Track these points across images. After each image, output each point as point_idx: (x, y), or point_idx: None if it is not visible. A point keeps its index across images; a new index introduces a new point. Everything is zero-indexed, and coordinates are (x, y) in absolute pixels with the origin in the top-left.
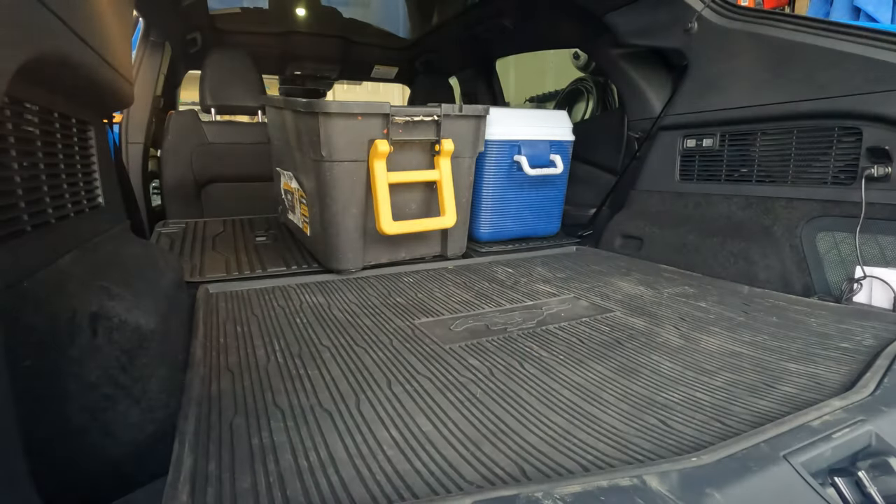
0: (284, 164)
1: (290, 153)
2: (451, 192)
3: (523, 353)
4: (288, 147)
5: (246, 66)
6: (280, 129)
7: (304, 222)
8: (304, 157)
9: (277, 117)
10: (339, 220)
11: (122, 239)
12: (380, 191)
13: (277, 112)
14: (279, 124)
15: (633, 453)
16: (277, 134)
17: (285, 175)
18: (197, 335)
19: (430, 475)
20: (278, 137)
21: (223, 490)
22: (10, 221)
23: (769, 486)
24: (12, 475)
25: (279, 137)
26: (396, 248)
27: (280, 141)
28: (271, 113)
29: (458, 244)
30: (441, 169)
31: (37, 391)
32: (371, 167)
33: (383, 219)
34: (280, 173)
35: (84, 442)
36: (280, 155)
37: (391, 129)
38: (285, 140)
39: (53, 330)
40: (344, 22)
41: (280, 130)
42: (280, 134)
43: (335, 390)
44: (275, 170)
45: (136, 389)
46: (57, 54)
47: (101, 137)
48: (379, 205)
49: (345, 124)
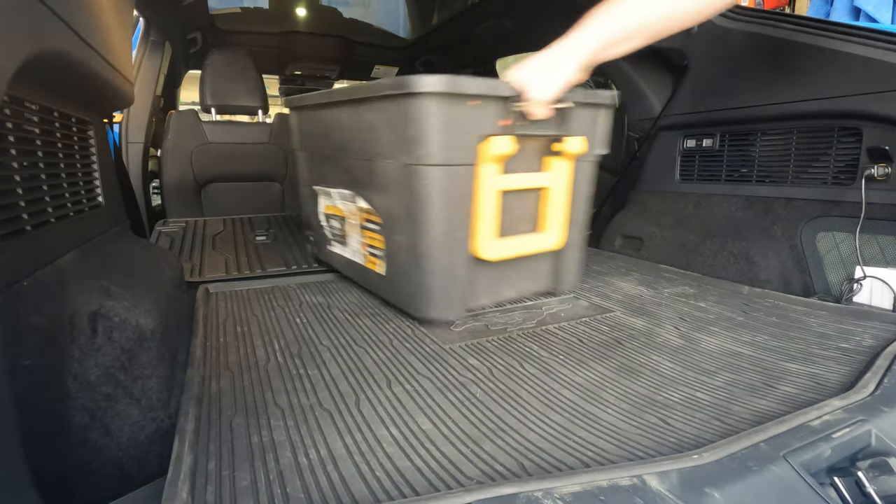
0: (329, 180)
1: (343, 163)
2: (565, 204)
3: (523, 352)
4: (343, 155)
5: (246, 66)
6: (321, 134)
7: (372, 256)
8: (380, 165)
9: (316, 120)
10: (438, 250)
11: (122, 239)
12: (486, 202)
13: (318, 112)
14: (319, 129)
15: (633, 450)
16: (315, 142)
17: (332, 195)
18: (197, 335)
19: (430, 472)
20: (317, 146)
21: (223, 487)
22: (10, 221)
23: (769, 486)
24: (12, 475)
25: (319, 145)
26: (498, 284)
27: (320, 149)
28: (302, 117)
29: (571, 276)
30: (558, 174)
31: (37, 391)
32: (477, 173)
33: (486, 239)
34: (317, 193)
35: (84, 441)
36: (319, 169)
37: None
38: (335, 146)
39: (53, 330)
40: (344, 22)
41: (321, 137)
42: (321, 141)
43: (335, 390)
44: (306, 190)
45: (135, 389)
46: (57, 53)
47: (102, 137)
48: (481, 221)
49: (454, 112)
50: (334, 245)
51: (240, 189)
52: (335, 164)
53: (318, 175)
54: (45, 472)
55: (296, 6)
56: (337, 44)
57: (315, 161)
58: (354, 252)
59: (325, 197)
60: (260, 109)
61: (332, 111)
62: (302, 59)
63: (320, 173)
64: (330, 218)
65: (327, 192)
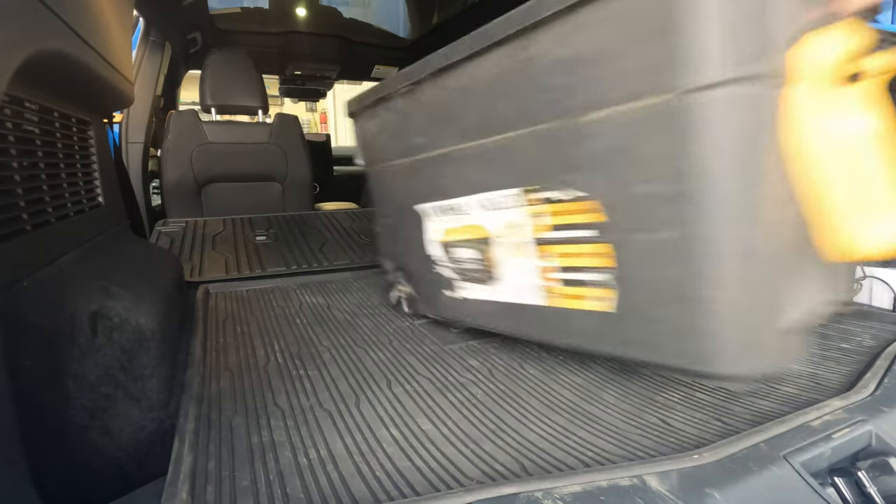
0: (457, 187)
1: (498, 148)
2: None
3: (523, 353)
4: (499, 132)
5: (246, 66)
6: (438, 121)
7: (574, 286)
8: (602, 120)
9: (424, 104)
10: (747, 246)
11: (122, 239)
12: (824, 151)
13: (430, 89)
14: (433, 115)
15: (634, 450)
16: (424, 138)
17: (461, 209)
18: (197, 335)
19: (430, 472)
20: (428, 142)
21: (223, 487)
22: (11, 221)
23: (769, 486)
24: (13, 475)
25: (433, 140)
26: (798, 301)
27: (437, 144)
28: (384, 115)
29: (848, 275)
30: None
31: (37, 391)
32: (797, 102)
33: (849, 218)
34: (422, 217)
35: (84, 441)
36: (433, 176)
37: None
38: (477, 126)
39: (53, 330)
40: (344, 22)
41: (438, 124)
42: (440, 131)
43: (335, 390)
44: (390, 219)
45: (135, 389)
46: (57, 53)
47: (101, 137)
48: (828, 184)
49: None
50: (462, 288)
51: (240, 189)
52: (477, 158)
53: (430, 186)
54: (45, 472)
55: (296, 6)
56: (337, 44)
57: (423, 168)
58: (518, 288)
59: (441, 218)
60: (260, 109)
61: (469, 73)
62: (302, 59)
63: (434, 182)
64: (453, 247)
65: (452, 206)
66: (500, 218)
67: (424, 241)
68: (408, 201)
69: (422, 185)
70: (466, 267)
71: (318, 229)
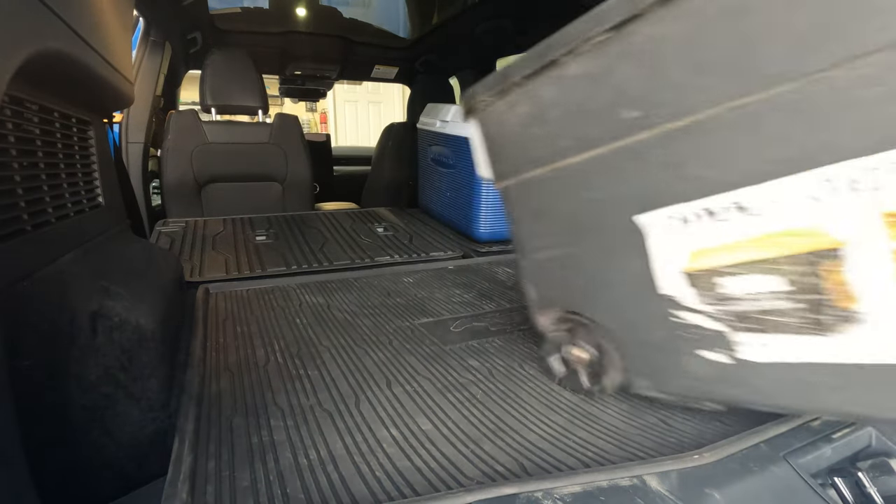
0: (729, 176)
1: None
2: None
3: (524, 353)
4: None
5: (246, 66)
6: (679, 85)
7: None
8: None
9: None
10: None
11: (122, 239)
12: None
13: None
14: (673, 78)
15: (634, 451)
16: (651, 105)
17: (753, 209)
18: (197, 335)
19: (430, 472)
20: (667, 110)
21: (223, 487)
22: (11, 221)
23: (769, 486)
24: (12, 475)
25: (675, 105)
26: None
27: (680, 112)
28: (563, 88)
29: None
30: None
31: (37, 391)
32: None
33: None
34: (646, 231)
35: (84, 441)
36: (668, 165)
37: None
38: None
39: (53, 330)
40: (344, 22)
41: (679, 89)
42: (687, 96)
43: (335, 390)
44: (562, 250)
45: (136, 389)
46: (57, 53)
47: (102, 137)
48: None
49: None
50: (747, 345)
51: (240, 189)
52: (792, 109)
53: (660, 183)
54: (46, 472)
55: (296, 6)
56: (337, 44)
57: (640, 157)
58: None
59: (691, 231)
60: (260, 109)
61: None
62: (302, 59)
63: (675, 174)
64: (724, 277)
65: (723, 206)
66: (864, 208)
67: (650, 273)
68: (604, 215)
69: (640, 184)
70: (765, 308)
71: (318, 229)
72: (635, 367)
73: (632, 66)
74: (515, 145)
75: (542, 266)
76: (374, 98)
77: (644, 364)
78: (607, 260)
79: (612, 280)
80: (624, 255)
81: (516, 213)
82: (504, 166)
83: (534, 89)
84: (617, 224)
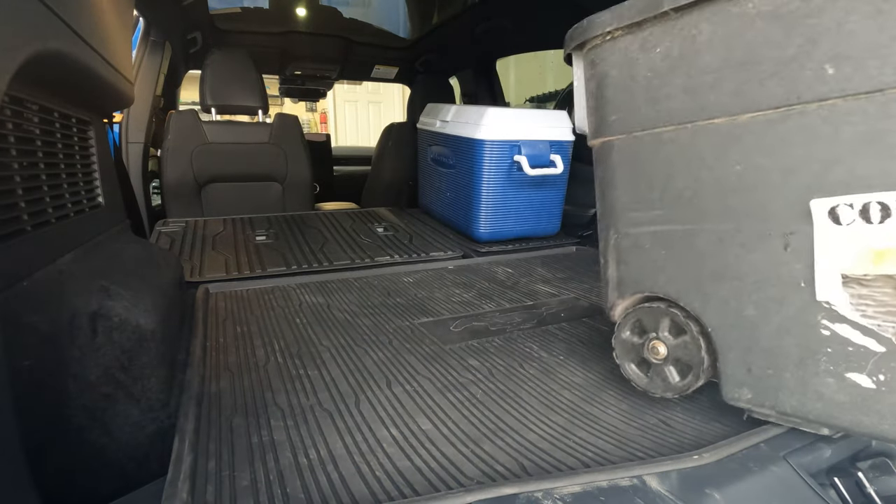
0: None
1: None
2: None
3: (523, 353)
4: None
5: (246, 66)
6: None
7: None
8: None
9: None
10: None
11: (122, 239)
12: None
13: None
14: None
15: (634, 451)
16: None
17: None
18: (197, 335)
19: (430, 472)
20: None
21: (223, 487)
22: (10, 221)
23: (769, 487)
24: (12, 475)
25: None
26: None
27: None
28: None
29: None
30: None
31: (37, 391)
32: None
33: None
34: (781, 223)
35: (84, 441)
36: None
37: None
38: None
39: (53, 330)
40: (344, 22)
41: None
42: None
43: (335, 390)
44: (665, 222)
45: (135, 389)
46: (57, 53)
47: (102, 137)
48: None
49: None
50: (889, 374)
51: (240, 189)
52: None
53: (847, 167)
54: (46, 472)
55: (296, 6)
56: (337, 44)
57: (849, 121)
58: None
59: (890, 224)
60: (260, 109)
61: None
62: (302, 59)
63: (878, 151)
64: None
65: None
66: None
67: (806, 272)
68: (755, 193)
69: (828, 160)
70: None
71: (318, 229)
72: (736, 375)
73: (852, 4)
74: (642, 94)
75: (638, 242)
76: (374, 98)
77: (752, 374)
78: (741, 247)
79: (741, 272)
80: (771, 244)
81: (616, 176)
82: (616, 117)
83: (689, 26)
84: (773, 206)
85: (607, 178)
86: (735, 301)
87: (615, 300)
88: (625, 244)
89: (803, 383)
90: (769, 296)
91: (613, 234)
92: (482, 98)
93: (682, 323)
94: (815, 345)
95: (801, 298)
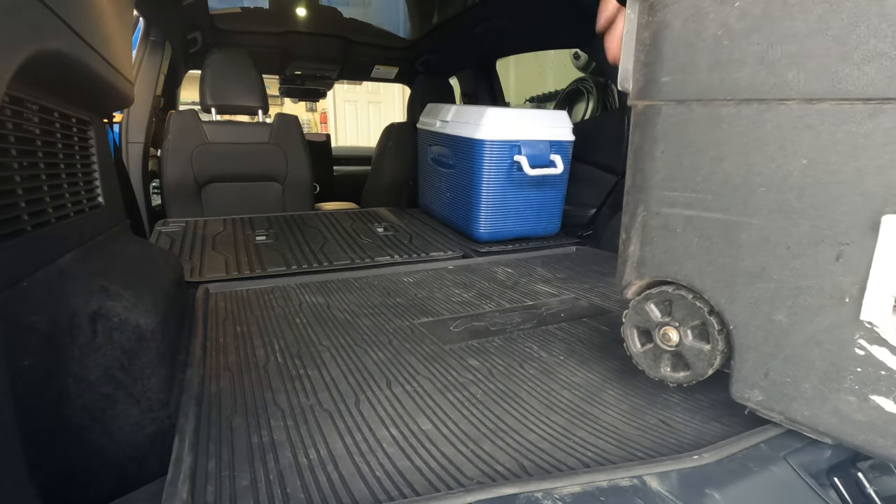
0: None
1: None
2: None
3: (523, 353)
4: None
5: (246, 66)
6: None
7: None
8: None
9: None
10: None
11: (122, 239)
12: None
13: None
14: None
15: (634, 451)
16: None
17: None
18: (197, 335)
19: (430, 472)
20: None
21: (223, 487)
22: (10, 221)
23: (769, 487)
24: (12, 475)
25: None
26: None
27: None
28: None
29: None
30: None
31: (37, 391)
32: None
33: None
34: (844, 230)
35: (84, 441)
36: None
37: None
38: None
39: (53, 330)
40: (344, 22)
41: None
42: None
43: (335, 390)
44: (708, 209)
45: (135, 389)
46: (57, 53)
47: (102, 137)
48: None
49: None
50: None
51: (240, 189)
52: None
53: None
54: (46, 472)
55: (296, 6)
56: (337, 44)
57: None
58: None
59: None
60: (260, 109)
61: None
62: (302, 59)
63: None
64: None
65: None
66: None
67: (856, 289)
68: (819, 194)
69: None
70: None
71: (318, 229)
72: (751, 376)
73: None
74: (707, 56)
75: (669, 224)
76: (374, 98)
77: (769, 378)
78: (787, 249)
79: (780, 275)
80: (822, 252)
81: (658, 147)
82: (669, 79)
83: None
84: (835, 211)
85: (646, 147)
86: (767, 304)
87: (632, 279)
88: (654, 223)
89: (822, 397)
90: (805, 304)
91: (642, 210)
92: (482, 98)
93: (703, 316)
94: (845, 362)
95: (841, 314)
